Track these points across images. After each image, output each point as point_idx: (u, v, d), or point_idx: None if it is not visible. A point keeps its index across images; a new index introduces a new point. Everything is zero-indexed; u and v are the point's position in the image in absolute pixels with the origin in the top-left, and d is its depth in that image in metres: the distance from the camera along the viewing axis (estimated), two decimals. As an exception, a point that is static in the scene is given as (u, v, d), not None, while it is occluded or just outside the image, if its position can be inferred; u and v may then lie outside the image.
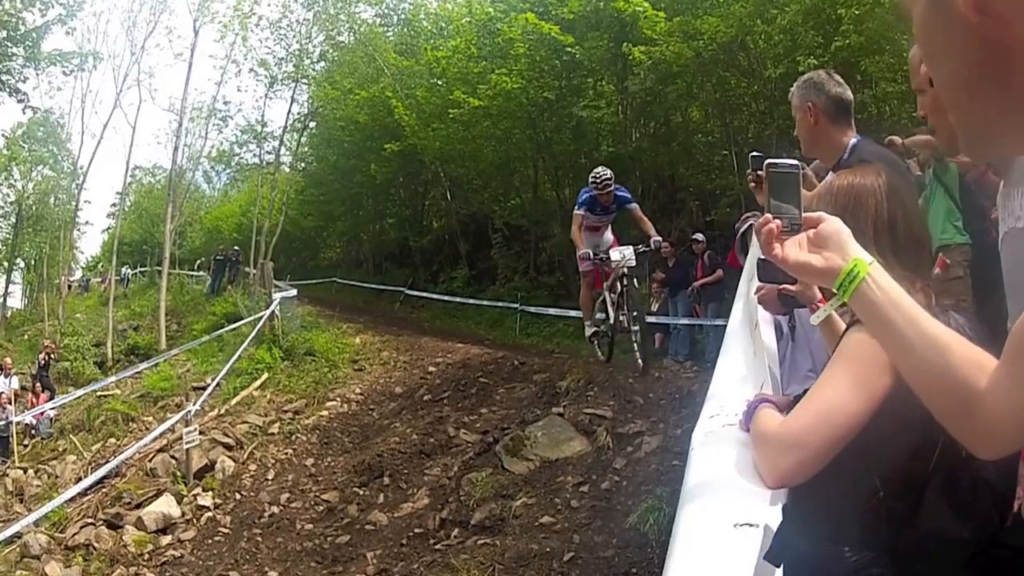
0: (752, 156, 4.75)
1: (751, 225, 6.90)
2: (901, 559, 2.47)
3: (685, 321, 18.68)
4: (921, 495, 2.46)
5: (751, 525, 2.22)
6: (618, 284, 14.23)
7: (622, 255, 13.93)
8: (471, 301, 30.51)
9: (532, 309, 26.05)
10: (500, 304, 28.00)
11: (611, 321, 14.75)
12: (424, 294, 34.75)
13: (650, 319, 18.75)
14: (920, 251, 2.97)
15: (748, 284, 6.16)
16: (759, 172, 5.52)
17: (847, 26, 18.54)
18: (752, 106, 24.14)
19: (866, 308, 2.15)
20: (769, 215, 2.33)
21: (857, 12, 18.60)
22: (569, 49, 25.80)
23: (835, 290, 2.20)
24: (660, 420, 11.92)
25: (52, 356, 30.83)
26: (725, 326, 5.97)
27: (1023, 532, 2.19)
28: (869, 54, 18.85)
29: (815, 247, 2.26)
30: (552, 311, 24.45)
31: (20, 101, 36.96)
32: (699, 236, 19.12)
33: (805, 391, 2.82)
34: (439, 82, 33.11)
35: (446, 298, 31.77)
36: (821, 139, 5.53)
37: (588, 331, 15.81)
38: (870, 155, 5.06)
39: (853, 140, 5.41)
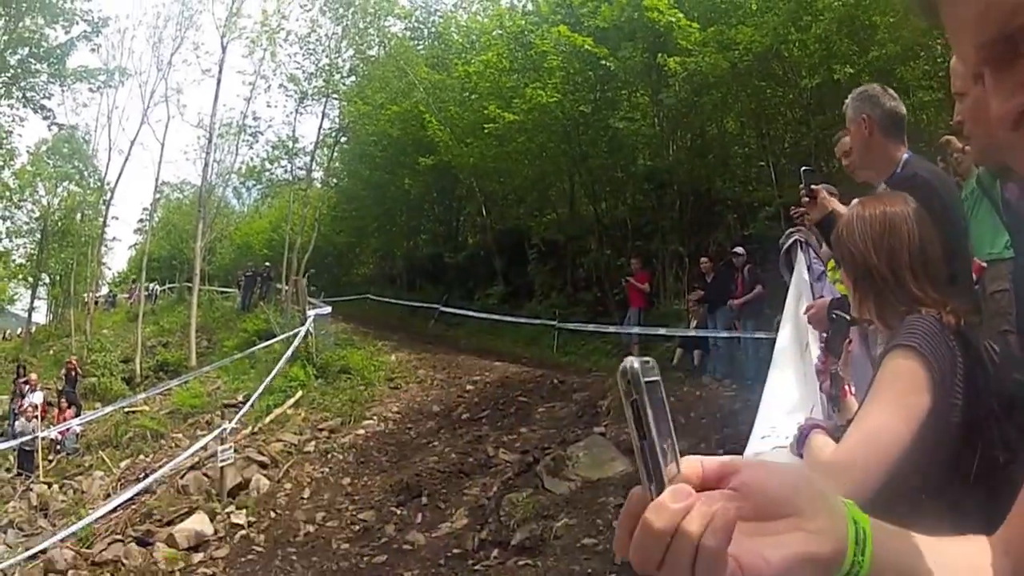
0: (804, 171, 4.75)
1: (796, 240, 6.89)
2: None
3: (725, 334, 18.40)
4: (962, 505, 2.52)
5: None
6: None
7: None
8: (507, 318, 30.21)
9: (570, 326, 25.52)
10: (537, 321, 27.64)
11: None
12: (459, 311, 34.18)
13: (689, 334, 18.96)
14: (943, 275, 2.98)
15: (796, 303, 6.17)
16: (812, 187, 5.54)
17: (883, 34, 18.58)
18: (788, 115, 24.11)
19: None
20: (684, 486, 1.18)
21: (892, 20, 18.56)
22: (603, 61, 25.70)
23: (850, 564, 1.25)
24: (702, 439, 11.92)
25: (76, 372, 30.89)
26: (764, 340, 5.97)
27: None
28: (904, 62, 18.76)
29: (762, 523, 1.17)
30: (590, 327, 24.02)
31: (45, 118, 37.33)
32: (739, 249, 18.83)
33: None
34: (472, 96, 33.00)
35: (482, 315, 31.38)
36: (875, 152, 5.42)
37: None
38: (923, 170, 5.09)
39: (905, 155, 5.32)
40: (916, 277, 2.80)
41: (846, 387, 3.70)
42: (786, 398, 4.01)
